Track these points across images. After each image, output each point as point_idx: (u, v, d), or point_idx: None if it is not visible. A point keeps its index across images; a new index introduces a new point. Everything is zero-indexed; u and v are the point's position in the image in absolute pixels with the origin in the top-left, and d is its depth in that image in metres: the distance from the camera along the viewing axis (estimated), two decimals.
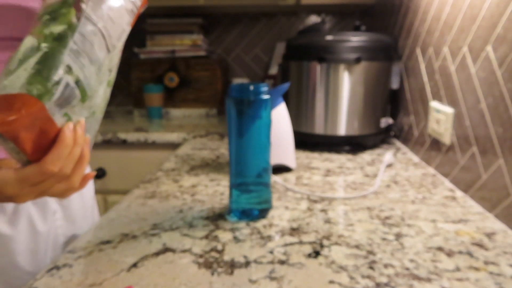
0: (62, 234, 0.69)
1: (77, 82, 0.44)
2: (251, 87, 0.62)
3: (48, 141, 0.43)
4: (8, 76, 0.40)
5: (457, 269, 0.50)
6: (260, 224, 0.64)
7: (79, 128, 0.45)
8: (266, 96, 0.62)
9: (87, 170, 0.78)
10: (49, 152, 0.43)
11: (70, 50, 0.43)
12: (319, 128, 1.09)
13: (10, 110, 0.39)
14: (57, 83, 0.42)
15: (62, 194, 0.48)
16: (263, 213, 0.66)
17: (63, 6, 0.45)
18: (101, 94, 0.49)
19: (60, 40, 0.43)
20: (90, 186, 0.81)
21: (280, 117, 0.88)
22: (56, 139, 0.43)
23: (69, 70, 0.43)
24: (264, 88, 0.62)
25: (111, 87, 0.51)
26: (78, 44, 0.44)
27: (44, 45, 0.42)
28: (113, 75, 0.51)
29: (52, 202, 0.67)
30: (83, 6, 0.45)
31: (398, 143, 1.19)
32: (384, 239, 0.59)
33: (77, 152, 0.45)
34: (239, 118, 0.62)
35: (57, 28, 0.43)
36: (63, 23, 0.44)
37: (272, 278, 0.48)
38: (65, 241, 0.70)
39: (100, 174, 1.41)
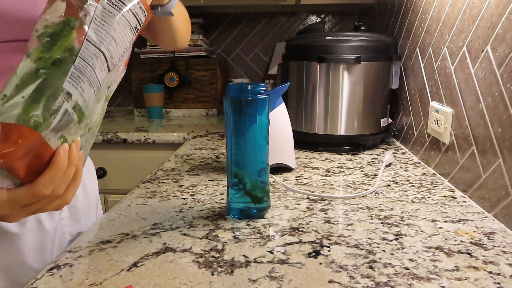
0: (68, 232, 0.70)
1: (75, 107, 0.42)
2: (248, 87, 0.62)
3: (42, 163, 0.41)
4: (5, 103, 0.38)
5: (457, 268, 0.51)
6: (260, 223, 0.64)
7: (74, 147, 0.44)
8: (263, 96, 0.62)
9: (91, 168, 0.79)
10: (42, 174, 0.41)
11: (70, 76, 0.41)
12: (319, 128, 1.10)
13: (6, 142, 0.37)
14: (55, 111, 0.40)
15: (54, 209, 0.47)
16: (261, 212, 0.66)
17: (64, 28, 0.42)
18: (98, 111, 0.47)
19: (59, 65, 0.40)
20: (95, 185, 0.81)
21: (280, 117, 0.88)
22: (50, 161, 0.42)
23: (68, 97, 0.41)
24: (261, 87, 0.62)
25: (108, 100, 0.49)
26: (80, 69, 0.42)
27: (42, 71, 0.40)
28: (111, 90, 0.49)
29: None
30: (85, 28, 0.42)
31: (397, 143, 1.19)
32: (383, 238, 0.59)
33: (71, 172, 0.44)
34: (237, 118, 0.62)
35: (57, 53, 0.40)
36: (63, 47, 0.41)
37: (272, 278, 0.49)
38: (70, 239, 0.70)
39: (100, 174, 1.41)
